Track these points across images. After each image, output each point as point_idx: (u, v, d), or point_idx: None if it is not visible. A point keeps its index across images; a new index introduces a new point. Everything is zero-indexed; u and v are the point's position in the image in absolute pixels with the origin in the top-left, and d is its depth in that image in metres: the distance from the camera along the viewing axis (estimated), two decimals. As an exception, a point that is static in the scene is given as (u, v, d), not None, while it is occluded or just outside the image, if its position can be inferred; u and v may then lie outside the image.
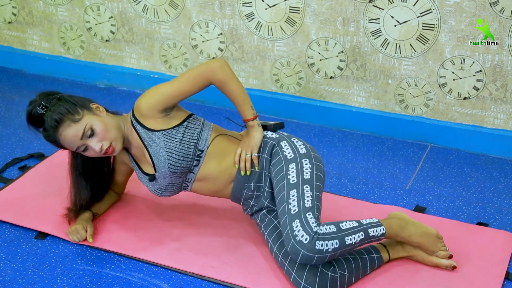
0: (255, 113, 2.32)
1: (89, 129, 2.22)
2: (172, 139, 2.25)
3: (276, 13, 3.14)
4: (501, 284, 2.22)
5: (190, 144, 2.27)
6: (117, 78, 3.69)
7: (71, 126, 2.21)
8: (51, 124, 2.22)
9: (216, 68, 2.23)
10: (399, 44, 2.97)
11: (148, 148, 2.28)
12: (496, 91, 2.91)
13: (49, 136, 2.25)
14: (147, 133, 2.27)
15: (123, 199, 2.67)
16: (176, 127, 2.27)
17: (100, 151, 2.24)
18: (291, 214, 2.12)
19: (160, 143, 2.25)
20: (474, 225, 2.52)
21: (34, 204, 2.63)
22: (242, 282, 2.24)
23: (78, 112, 2.23)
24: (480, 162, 2.97)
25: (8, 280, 2.27)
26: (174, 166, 2.26)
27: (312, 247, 2.05)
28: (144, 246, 2.41)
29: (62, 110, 2.22)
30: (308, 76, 3.24)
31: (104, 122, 2.25)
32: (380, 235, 2.18)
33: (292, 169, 2.23)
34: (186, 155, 2.26)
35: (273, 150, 2.31)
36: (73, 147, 2.25)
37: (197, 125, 2.31)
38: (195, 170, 2.32)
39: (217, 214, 2.59)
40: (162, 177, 2.31)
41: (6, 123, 3.32)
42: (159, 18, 3.43)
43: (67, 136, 2.22)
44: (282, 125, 2.41)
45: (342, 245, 2.09)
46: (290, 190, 2.18)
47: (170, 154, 2.25)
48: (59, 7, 3.65)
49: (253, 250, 2.39)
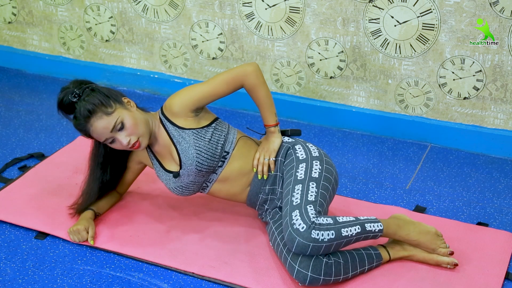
0: (277, 120, 2.39)
1: (120, 123, 2.26)
2: (202, 138, 2.30)
3: (276, 13, 3.14)
4: (501, 284, 2.22)
5: (218, 144, 2.32)
6: (117, 78, 3.69)
7: (102, 118, 2.25)
8: (83, 114, 2.25)
9: (250, 72, 2.31)
10: (399, 44, 2.97)
11: (177, 145, 2.32)
12: (496, 91, 2.91)
13: (79, 125, 2.27)
14: (177, 130, 2.32)
15: (123, 199, 2.67)
16: (205, 127, 2.33)
17: (127, 145, 2.28)
18: (293, 205, 2.17)
19: (190, 140, 2.30)
20: (474, 225, 2.52)
21: (34, 204, 2.63)
22: (242, 282, 2.24)
23: (111, 105, 2.27)
24: (480, 162, 2.97)
25: (8, 280, 2.27)
26: (202, 164, 2.30)
27: (307, 235, 2.09)
28: (144, 246, 2.41)
29: (95, 101, 2.25)
30: (308, 76, 3.24)
31: (134, 117, 2.29)
32: (377, 231, 2.20)
33: (301, 168, 2.28)
34: (213, 155, 2.31)
35: (288, 152, 2.37)
36: (101, 138, 2.28)
37: (224, 128, 2.37)
38: (218, 171, 2.36)
39: (217, 214, 2.59)
40: (186, 174, 2.34)
41: (6, 123, 3.32)
42: (159, 18, 3.43)
43: (98, 128, 2.25)
44: (299, 132, 2.48)
45: (338, 236, 2.12)
46: (295, 185, 2.23)
47: (199, 152, 2.29)
48: (59, 7, 3.65)
49: (254, 250, 2.39)
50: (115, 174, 2.54)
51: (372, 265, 2.25)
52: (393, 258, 2.29)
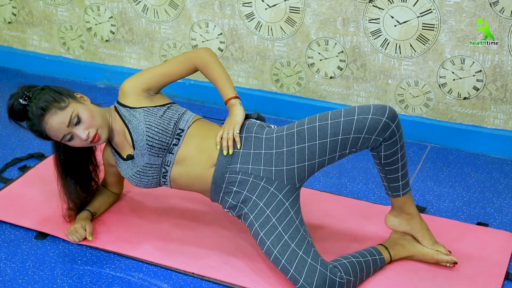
0: (237, 94, 2.30)
1: (76, 117, 2.22)
2: (153, 114, 2.27)
3: (276, 13, 3.14)
4: (501, 284, 2.22)
5: (170, 121, 2.27)
6: (117, 78, 3.69)
7: (57, 114, 2.21)
8: (36, 113, 2.21)
9: (201, 52, 2.32)
10: (399, 44, 2.97)
11: (128, 125, 2.29)
12: (496, 91, 2.91)
13: (34, 125, 2.23)
14: (129, 111, 2.29)
15: (122, 199, 2.67)
16: (158, 106, 2.30)
17: (86, 139, 2.24)
18: None
19: (140, 117, 2.26)
20: (474, 225, 2.52)
21: (34, 204, 2.64)
22: (242, 282, 2.24)
23: (63, 100, 2.24)
24: (480, 162, 2.97)
25: (8, 280, 2.27)
26: (152, 139, 2.24)
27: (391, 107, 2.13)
28: (144, 246, 2.41)
29: (47, 98, 2.22)
30: (308, 76, 3.24)
31: (90, 110, 2.26)
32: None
33: None
34: (165, 130, 2.25)
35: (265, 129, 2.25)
36: (59, 135, 2.24)
37: (180, 109, 2.33)
38: (174, 150, 2.27)
39: (217, 214, 2.59)
40: (140, 154, 2.27)
41: (6, 123, 3.32)
42: (159, 18, 3.43)
43: (54, 124, 2.21)
44: (264, 120, 2.36)
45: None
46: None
47: (148, 127, 2.25)
48: (59, 7, 3.65)
49: (253, 250, 2.39)
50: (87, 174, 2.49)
51: (376, 269, 2.25)
52: (394, 259, 2.30)
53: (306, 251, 2.11)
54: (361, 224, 2.52)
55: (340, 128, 2.12)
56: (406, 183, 2.23)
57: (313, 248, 2.14)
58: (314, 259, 2.10)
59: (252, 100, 3.33)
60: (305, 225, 2.22)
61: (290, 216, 2.16)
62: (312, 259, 2.10)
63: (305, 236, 2.15)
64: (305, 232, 2.16)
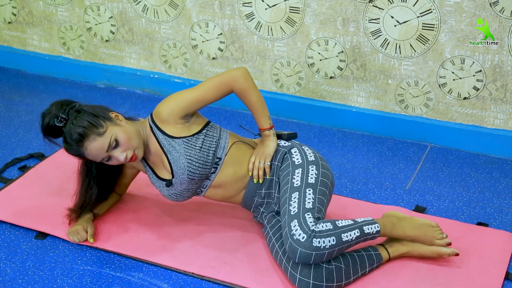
0: (271, 123, 2.35)
1: (114, 141, 2.21)
2: (192, 146, 2.27)
3: (276, 13, 3.14)
4: (501, 284, 2.22)
5: (209, 151, 2.29)
6: (117, 78, 3.69)
7: (96, 140, 2.19)
8: (75, 138, 2.18)
9: (238, 76, 2.27)
10: (399, 44, 2.97)
11: (168, 155, 2.28)
12: (496, 91, 2.91)
13: (72, 150, 2.22)
14: (167, 139, 2.28)
15: (123, 199, 2.67)
16: (196, 135, 2.29)
17: (124, 160, 2.24)
18: (290, 215, 2.16)
19: (181, 150, 2.26)
20: (474, 225, 2.52)
21: (34, 204, 2.63)
22: (242, 282, 2.24)
23: (101, 125, 2.21)
24: (480, 162, 2.97)
25: (8, 280, 2.27)
26: (194, 173, 2.28)
27: (309, 244, 2.08)
28: (144, 246, 2.41)
29: (85, 124, 2.19)
30: (308, 76, 3.24)
31: (127, 132, 2.24)
32: (375, 232, 2.20)
33: (297, 174, 2.27)
34: (205, 163, 2.28)
35: (284, 157, 2.35)
36: (97, 159, 2.23)
37: (215, 133, 2.33)
38: (211, 177, 2.34)
39: (217, 214, 2.59)
40: (179, 183, 2.31)
41: (6, 123, 3.32)
42: (159, 18, 3.43)
43: (93, 150, 2.20)
44: (295, 135, 2.45)
45: (339, 241, 2.11)
46: (292, 193, 2.21)
47: (190, 162, 2.26)
48: (59, 7, 3.65)
49: (253, 250, 2.39)
50: (111, 183, 2.52)
51: (373, 266, 2.25)
52: (392, 256, 2.29)
53: None
54: (361, 224, 2.52)
55: None
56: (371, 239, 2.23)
57: None
58: None
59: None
60: None
61: None
62: None
63: None
64: None
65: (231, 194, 2.39)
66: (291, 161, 2.31)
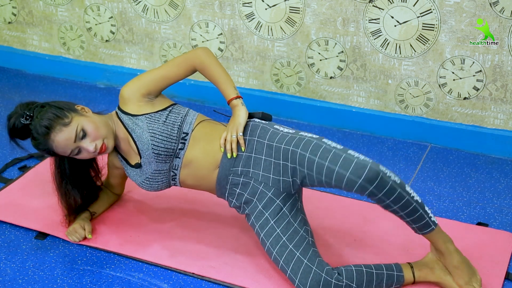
0: (239, 93, 2.28)
1: (81, 130, 2.20)
2: (155, 121, 2.25)
3: (276, 13, 3.14)
4: (501, 284, 2.22)
5: (174, 126, 2.26)
6: (117, 78, 3.69)
7: (62, 131, 2.19)
8: (41, 132, 2.19)
9: (199, 52, 2.30)
10: (399, 44, 2.97)
11: (132, 134, 2.27)
12: (496, 91, 2.91)
13: (40, 144, 2.21)
14: (131, 119, 2.27)
15: (122, 199, 2.67)
16: (160, 111, 2.27)
17: (94, 151, 2.23)
18: (339, 148, 2.02)
19: (143, 126, 2.25)
20: (474, 225, 2.52)
21: (34, 204, 2.64)
22: (242, 282, 2.24)
23: (66, 116, 2.21)
24: (480, 162, 2.97)
25: (8, 280, 2.27)
26: (158, 147, 2.24)
27: (377, 165, 1.96)
28: (144, 246, 2.42)
29: (50, 116, 2.20)
30: (308, 76, 3.24)
31: (94, 121, 2.24)
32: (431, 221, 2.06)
33: (304, 134, 2.14)
34: (169, 136, 2.24)
35: (269, 132, 2.20)
36: (66, 151, 2.22)
37: (182, 111, 2.31)
38: (180, 154, 2.28)
39: (217, 214, 2.59)
40: (147, 162, 2.28)
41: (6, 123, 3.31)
42: (159, 18, 3.43)
43: (60, 141, 2.19)
44: (270, 117, 2.33)
45: (402, 186, 1.98)
46: (321, 140, 2.08)
47: (153, 135, 2.23)
48: (59, 7, 3.65)
49: (253, 250, 2.39)
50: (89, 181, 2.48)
51: (391, 285, 2.14)
52: (417, 281, 2.17)
53: (303, 252, 2.11)
54: (361, 224, 2.52)
55: (323, 173, 2.03)
56: (422, 226, 2.08)
57: (312, 248, 2.14)
58: (310, 260, 2.10)
59: (252, 100, 3.32)
60: (308, 225, 2.22)
61: (287, 219, 2.17)
62: (308, 260, 2.10)
63: (305, 237, 2.15)
64: (306, 233, 2.17)
65: (204, 173, 2.27)
66: (284, 133, 2.17)
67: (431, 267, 2.18)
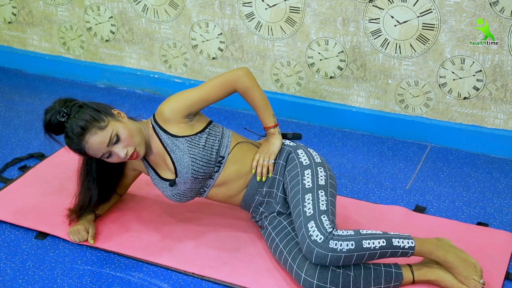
0: (276, 121, 2.35)
1: (115, 136, 2.21)
2: (196, 145, 2.27)
3: (276, 13, 3.14)
4: (501, 284, 2.22)
5: (212, 150, 2.29)
6: (117, 78, 3.69)
7: (97, 134, 2.19)
8: (76, 132, 2.19)
9: (241, 76, 2.28)
10: (399, 44, 2.97)
11: (171, 154, 2.28)
12: (496, 91, 2.91)
13: (73, 144, 2.22)
14: (170, 138, 2.27)
15: (123, 199, 2.67)
16: (199, 133, 2.29)
17: (125, 157, 2.23)
18: (306, 216, 2.15)
19: (184, 148, 2.26)
20: (474, 225, 2.52)
21: (34, 204, 2.63)
22: (242, 282, 2.24)
23: (103, 119, 2.22)
24: (480, 162, 2.97)
25: (8, 280, 2.27)
26: (197, 172, 2.27)
27: (325, 245, 2.06)
28: (144, 246, 2.41)
29: (87, 117, 2.20)
30: (308, 76, 3.24)
31: (128, 128, 2.24)
32: (407, 247, 2.11)
33: (307, 175, 2.26)
34: (209, 161, 2.28)
35: (289, 156, 2.34)
36: (98, 154, 2.23)
37: (218, 132, 2.33)
38: (215, 176, 2.33)
39: (218, 214, 2.59)
40: (183, 182, 2.31)
41: (6, 123, 3.32)
42: (159, 18, 3.43)
43: (93, 144, 2.20)
44: (300, 136, 2.46)
45: (358, 247, 2.07)
46: (305, 194, 2.21)
47: (194, 160, 2.26)
48: (59, 7, 3.65)
49: (253, 250, 2.39)
50: (112, 183, 2.51)
51: (390, 284, 2.15)
52: (417, 280, 2.18)
53: None
54: (361, 224, 2.52)
55: None
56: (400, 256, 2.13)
57: None
58: None
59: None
60: None
61: None
62: None
63: None
64: None
65: (233, 193, 2.38)
66: (298, 162, 2.30)
67: (430, 266, 2.20)
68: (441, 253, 2.15)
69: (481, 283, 2.12)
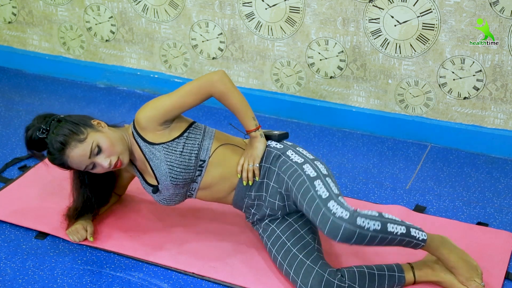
0: (257, 123, 2.28)
1: (96, 147, 2.19)
2: (173, 151, 2.23)
3: (276, 13, 3.14)
4: (501, 284, 2.22)
5: (191, 155, 2.24)
6: (117, 78, 3.69)
7: (77, 147, 2.18)
8: (56, 147, 2.18)
9: (215, 80, 2.20)
10: (399, 44, 2.97)
11: (150, 162, 2.26)
12: (496, 91, 2.91)
13: (56, 159, 2.21)
14: (148, 146, 2.25)
15: (123, 199, 2.67)
16: (176, 139, 2.24)
17: (109, 167, 2.22)
18: (323, 198, 2.06)
19: (161, 156, 2.23)
20: (474, 225, 2.52)
21: (34, 204, 2.64)
22: (242, 282, 2.24)
23: (82, 132, 2.20)
24: (480, 162, 2.97)
25: (8, 280, 2.27)
26: (176, 179, 2.25)
27: (353, 221, 1.97)
28: (144, 246, 2.42)
29: (65, 132, 2.19)
30: (308, 76, 3.24)
31: (109, 137, 2.22)
32: (420, 240, 2.09)
33: (308, 168, 2.18)
34: (187, 167, 2.24)
35: (280, 160, 2.26)
36: (81, 166, 2.22)
37: (198, 135, 2.28)
38: (198, 180, 2.30)
39: (218, 214, 2.59)
40: (165, 188, 2.30)
41: (6, 123, 3.32)
42: (159, 18, 3.43)
43: (75, 157, 2.19)
44: (287, 135, 2.38)
45: (383, 229, 2.00)
46: (313, 181, 2.12)
47: (171, 167, 2.23)
48: (59, 7, 3.65)
49: (254, 251, 2.39)
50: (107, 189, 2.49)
51: (393, 286, 2.16)
52: (418, 280, 2.19)
53: (306, 255, 2.17)
54: (361, 224, 2.52)
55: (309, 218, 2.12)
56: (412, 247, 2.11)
57: (316, 252, 2.19)
58: (313, 261, 2.14)
59: (252, 100, 3.32)
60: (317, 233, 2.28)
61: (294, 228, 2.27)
62: (311, 261, 2.14)
63: (310, 243, 2.21)
64: (313, 240, 2.23)
65: (222, 195, 2.35)
66: (292, 162, 2.23)
67: (431, 266, 2.20)
68: (446, 251, 2.14)
69: (482, 285, 2.12)
